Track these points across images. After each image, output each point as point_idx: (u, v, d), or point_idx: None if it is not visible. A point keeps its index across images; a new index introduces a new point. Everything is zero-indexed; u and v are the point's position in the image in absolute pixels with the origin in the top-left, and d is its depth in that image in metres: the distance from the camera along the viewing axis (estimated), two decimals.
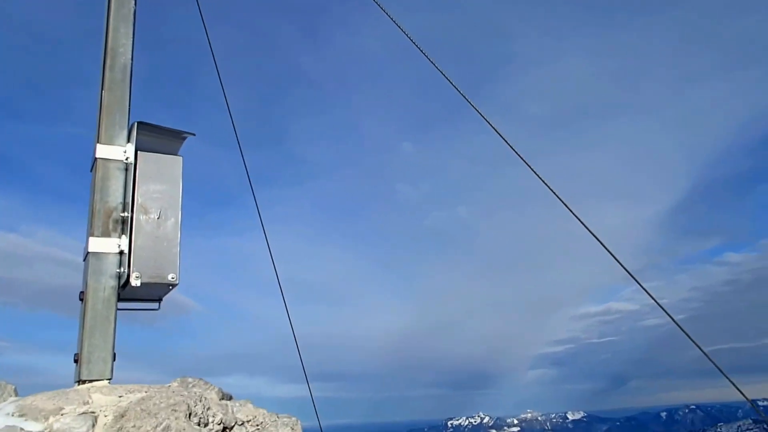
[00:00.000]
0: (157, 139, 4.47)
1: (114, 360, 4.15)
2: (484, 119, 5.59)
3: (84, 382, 3.99)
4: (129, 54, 4.73)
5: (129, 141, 4.48)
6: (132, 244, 4.23)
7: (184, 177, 4.49)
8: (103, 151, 4.41)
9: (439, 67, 5.71)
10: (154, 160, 4.44)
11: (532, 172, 5.56)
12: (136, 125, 4.44)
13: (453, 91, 5.71)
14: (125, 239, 4.26)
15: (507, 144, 5.57)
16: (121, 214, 4.33)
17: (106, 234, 4.26)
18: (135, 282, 4.11)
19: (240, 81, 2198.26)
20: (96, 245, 4.22)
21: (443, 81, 5.76)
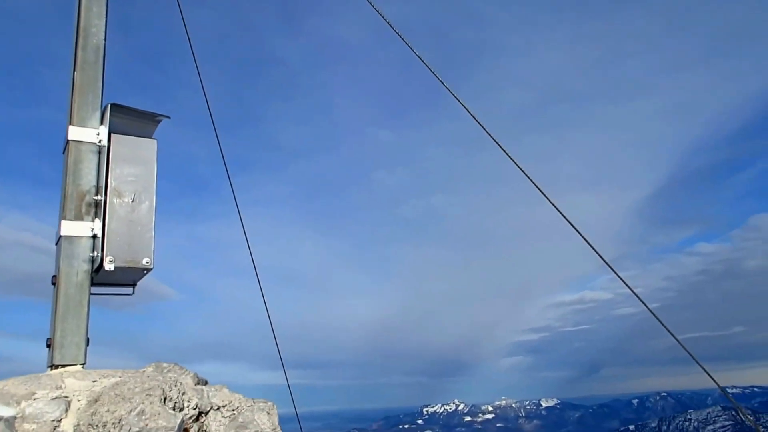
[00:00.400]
0: (131, 122, 4.39)
1: (87, 345, 4.11)
2: (461, 105, 5.62)
3: (57, 367, 3.94)
4: (102, 34, 4.62)
5: (102, 123, 4.39)
6: (105, 227, 4.16)
7: (158, 160, 4.43)
8: (76, 133, 4.31)
9: (417, 52, 5.70)
10: (127, 142, 4.36)
11: (510, 159, 5.62)
12: (109, 107, 4.35)
13: (431, 77, 5.73)
14: (99, 223, 4.19)
15: (485, 131, 5.61)
16: (95, 197, 4.25)
17: (79, 218, 4.19)
18: (109, 266, 4.06)
19: (215, 64, 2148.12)
20: (69, 229, 4.15)
21: (421, 67, 5.76)
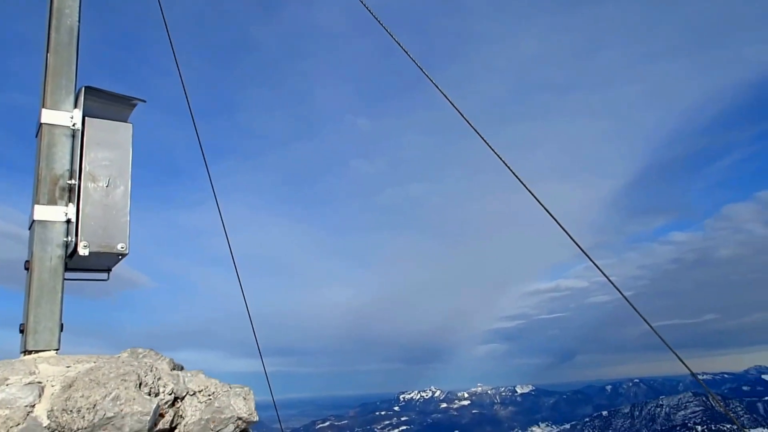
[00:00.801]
0: (106, 105, 4.32)
1: (61, 331, 4.07)
2: (441, 93, 5.64)
3: (30, 352, 3.91)
4: (76, 16, 4.52)
5: (76, 106, 4.31)
6: (80, 212, 4.10)
7: (134, 145, 4.37)
8: (49, 117, 4.23)
9: (397, 39, 5.70)
10: (102, 126, 4.29)
11: (488, 148, 5.68)
12: (83, 90, 4.27)
13: (410, 65, 5.72)
14: (72, 207, 4.13)
15: (464, 119, 5.65)
16: (68, 181, 4.19)
17: (52, 202, 4.13)
18: (83, 251, 4.02)
19: (192, 49, 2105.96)
20: (42, 213, 4.09)
21: (401, 54, 5.76)
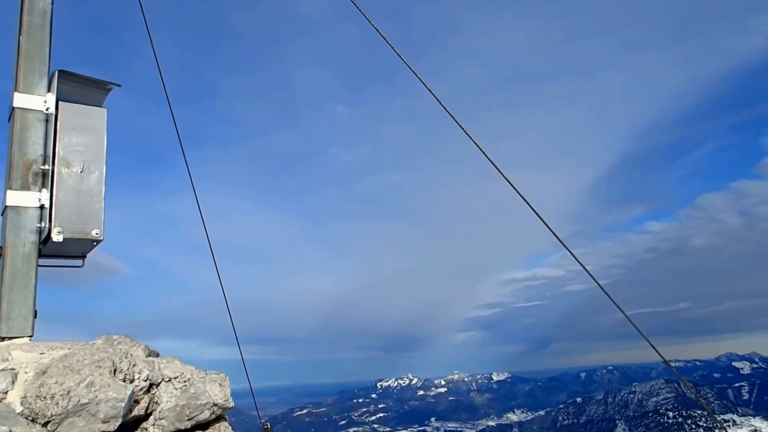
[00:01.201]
0: (80, 90, 4.26)
1: (35, 317, 4.05)
2: (420, 80, 5.67)
3: (3, 339, 3.88)
4: None
5: (50, 90, 4.24)
6: (53, 198, 4.06)
7: (109, 130, 4.32)
8: (22, 101, 4.16)
9: (377, 27, 5.70)
10: (76, 111, 4.23)
11: (467, 137, 5.73)
12: (57, 74, 4.20)
13: (390, 53, 5.74)
14: (46, 193, 4.09)
15: (443, 107, 5.70)
16: (42, 166, 4.13)
17: (25, 187, 4.07)
18: (57, 237, 3.98)
19: (169, 34, 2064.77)
20: (14, 199, 4.03)
21: (380, 42, 5.77)
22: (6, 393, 3.30)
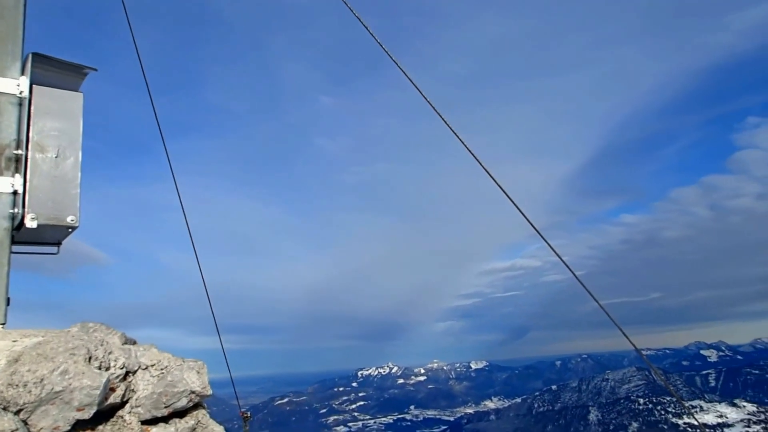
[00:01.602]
0: (55, 73, 4.16)
1: (8, 305, 3.98)
2: (402, 72, 5.68)
3: None
4: None
5: (23, 73, 4.13)
6: (27, 183, 3.97)
7: (85, 115, 4.24)
8: None
9: (361, 19, 5.68)
10: (51, 95, 4.13)
11: (449, 129, 5.77)
12: (31, 56, 4.10)
13: (375, 45, 5.73)
14: (20, 178, 4.00)
15: (426, 100, 5.72)
16: (15, 151, 4.04)
17: None
18: (31, 224, 3.91)
19: (149, 21, 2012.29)
20: None
21: (365, 33, 5.75)
22: None
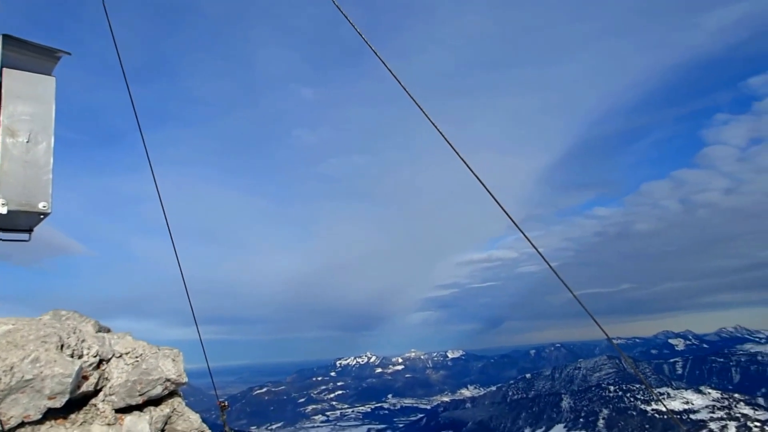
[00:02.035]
0: (27, 56, 4.06)
1: None
2: (383, 63, 5.68)
3: None
4: None
5: None
6: None
7: (59, 101, 4.15)
8: None
9: (342, 9, 5.65)
10: (22, 78, 4.04)
11: (429, 121, 5.79)
12: (1, 39, 3.99)
13: (355, 35, 5.71)
14: None
15: (405, 91, 5.73)
16: None
17: None
18: (1, 209, 3.83)
19: (127, 8, 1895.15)
20: None
21: (345, 24, 5.73)
22: None
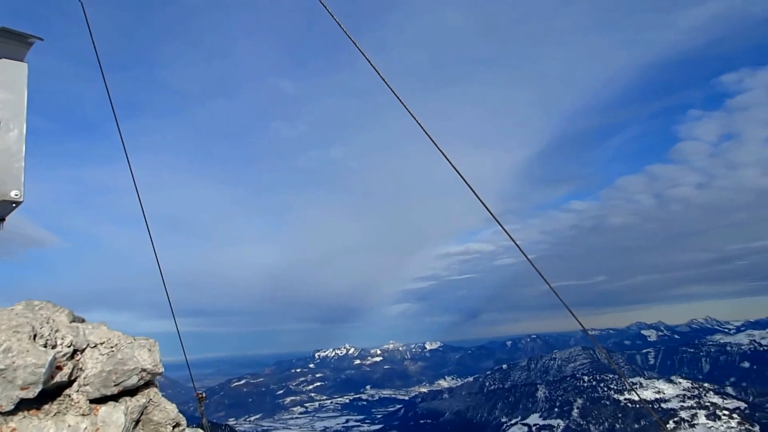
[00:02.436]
0: None
1: None
2: (364, 57, 5.68)
3: None
4: None
5: None
6: None
7: (32, 88, 4.05)
8: None
9: (322, 1, 5.63)
10: None
11: (409, 114, 5.82)
12: None
13: (335, 28, 5.70)
14: None
15: (386, 83, 5.74)
16: None
17: None
18: None
19: None
20: None
21: (326, 16, 5.71)
22: None
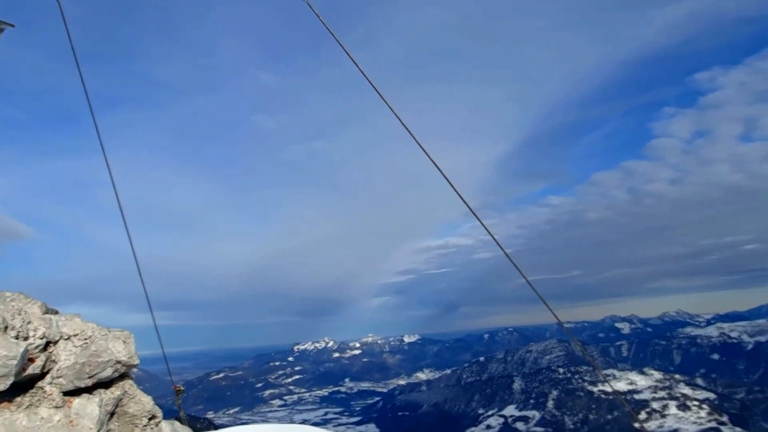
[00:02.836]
0: None
1: None
2: (344, 50, 5.68)
3: None
4: None
5: None
6: None
7: (2, 76, 3.95)
8: None
9: None
10: None
11: (389, 109, 5.83)
12: None
13: (316, 22, 5.68)
14: None
15: (366, 78, 5.74)
16: None
17: None
18: None
19: None
20: None
21: (307, 10, 5.68)
22: None
